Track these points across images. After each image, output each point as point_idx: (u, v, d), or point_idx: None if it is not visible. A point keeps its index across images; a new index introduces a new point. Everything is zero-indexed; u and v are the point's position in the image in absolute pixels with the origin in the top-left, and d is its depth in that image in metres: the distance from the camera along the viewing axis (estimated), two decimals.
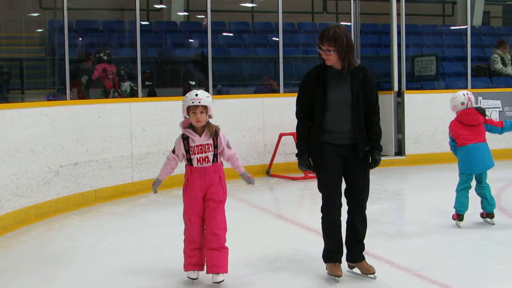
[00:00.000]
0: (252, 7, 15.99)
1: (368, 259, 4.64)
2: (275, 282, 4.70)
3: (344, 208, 4.66)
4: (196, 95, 4.38)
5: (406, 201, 6.72)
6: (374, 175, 9.52)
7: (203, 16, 9.95)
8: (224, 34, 13.47)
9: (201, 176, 4.45)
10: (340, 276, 4.52)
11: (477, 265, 5.16)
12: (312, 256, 5.34)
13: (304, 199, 8.53)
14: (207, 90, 9.21)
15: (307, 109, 4.56)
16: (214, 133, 4.47)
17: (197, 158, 4.44)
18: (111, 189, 7.88)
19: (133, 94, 9.29)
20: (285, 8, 10.31)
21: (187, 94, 4.45)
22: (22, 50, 11.42)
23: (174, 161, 4.59)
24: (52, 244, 5.95)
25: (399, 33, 10.96)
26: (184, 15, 14.99)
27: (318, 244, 5.78)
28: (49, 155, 7.04)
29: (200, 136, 4.44)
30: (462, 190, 6.07)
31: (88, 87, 9.62)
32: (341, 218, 4.63)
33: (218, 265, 4.38)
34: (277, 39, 10.40)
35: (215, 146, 4.47)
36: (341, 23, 13.95)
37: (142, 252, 5.56)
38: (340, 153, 4.52)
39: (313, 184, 9.05)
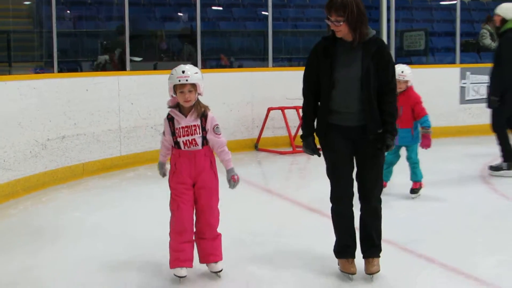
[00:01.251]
0: None
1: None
2: (261, 258, 4.70)
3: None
4: (183, 72, 3.90)
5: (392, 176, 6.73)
6: None
7: None
8: (213, 8, 13.42)
9: (190, 161, 3.99)
10: (354, 274, 4.04)
11: (462, 238, 5.19)
12: (299, 231, 5.38)
13: (292, 174, 8.55)
14: (195, 64, 9.16)
15: (313, 87, 4.02)
16: (202, 114, 4.01)
17: (183, 141, 3.99)
18: (99, 163, 7.86)
19: (108, 67, 9.27)
20: None
21: (173, 71, 3.97)
22: (9, 22, 11.28)
23: (166, 142, 4.15)
24: (39, 218, 5.94)
25: (388, 8, 10.91)
26: None
27: (304, 218, 5.84)
28: (37, 128, 6.99)
29: (186, 116, 3.99)
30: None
31: (120, 58, 9.77)
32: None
33: (215, 253, 4.06)
34: (267, 13, 10.32)
35: (203, 128, 4.00)
36: None
37: (130, 226, 5.56)
38: (350, 136, 3.99)
39: (301, 158, 9.17)
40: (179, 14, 12.93)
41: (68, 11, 11.70)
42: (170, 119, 4.04)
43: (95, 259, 4.68)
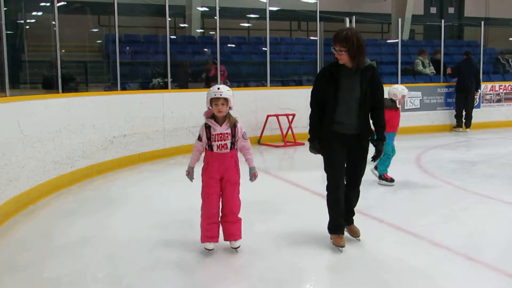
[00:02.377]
0: (248, 26, 15.91)
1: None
2: (260, 215, 4.69)
3: None
4: (218, 88, 3.69)
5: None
6: None
7: (214, 33, 9.83)
8: (228, 45, 13.41)
9: (220, 161, 3.75)
10: (343, 247, 3.82)
11: (409, 207, 5.18)
12: (287, 198, 5.37)
13: (284, 161, 8.52)
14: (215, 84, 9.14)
15: (319, 101, 3.80)
16: (233, 124, 3.78)
17: (217, 145, 3.73)
18: (150, 153, 7.84)
19: (160, 87, 9.24)
20: (271, 27, 10.20)
21: (211, 88, 3.75)
22: (86, 55, 11.34)
23: (201, 147, 3.83)
24: (108, 192, 5.94)
25: None
26: (201, 31, 14.92)
27: (294, 192, 5.82)
28: (106, 129, 6.98)
29: (221, 125, 3.73)
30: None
31: (207, 79, 10.40)
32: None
33: (235, 234, 3.84)
34: (266, 49, 10.29)
35: (233, 135, 3.76)
36: (311, 38, 13.90)
37: (171, 198, 5.56)
38: (346, 141, 3.78)
39: (290, 150, 9.15)
40: (205, 49, 12.92)
41: (128, 47, 11.72)
42: (207, 127, 3.77)
43: (148, 220, 4.69)
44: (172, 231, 4.35)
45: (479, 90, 11.78)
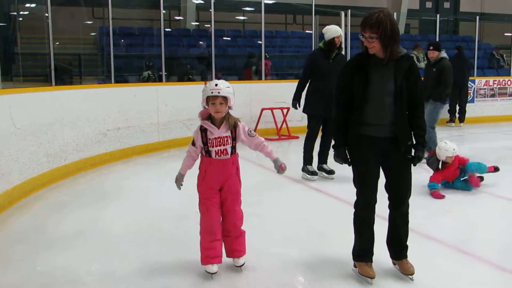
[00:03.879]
0: (244, 19, 15.84)
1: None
2: (256, 204, 4.69)
3: (384, 204, 3.23)
4: (216, 85, 3.13)
5: None
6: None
7: (209, 25, 9.79)
8: (224, 38, 13.37)
9: (219, 169, 3.21)
10: (373, 278, 3.14)
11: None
12: (279, 190, 5.37)
13: (279, 154, 8.47)
14: (210, 79, 9.12)
15: (346, 99, 3.09)
16: (234, 125, 3.23)
17: (215, 151, 3.18)
18: (144, 146, 7.82)
19: (150, 79, 9.24)
20: (266, 20, 10.16)
21: (207, 84, 3.20)
22: (80, 48, 11.29)
23: (194, 153, 3.30)
24: (102, 185, 5.93)
25: (345, 38, 10.85)
26: (196, 24, 14.86)
27: (285, 183, 5.81)
28: (99, 122, 6.95)
29: (219, 128, 3.19)
30: None
31: (255, 73, 10.98)
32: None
33: (239, 249, 3.34)
34: (261, 42, 10.26)
35: (233, 138, 3.22)
36: (306, 31, 13.89)
37: (166, 191, 5.54)
38: (379, 147, 3.07)
39: (284, 143, 9.15)
40: (200, 42, 12.87)
41: (122, 40, 11.66)
42: (203, 130, 3.22)
43: (142, 213, 4.69)
44: (166, 224, 4.35)
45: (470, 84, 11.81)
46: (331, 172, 5.98)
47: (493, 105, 12.57)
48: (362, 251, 3.22)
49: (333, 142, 3.24)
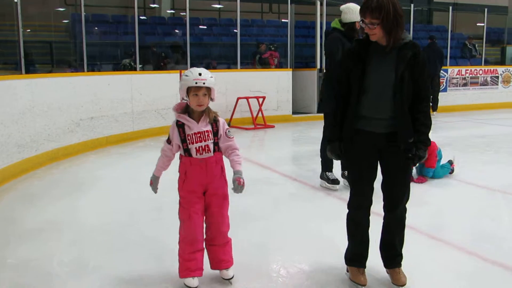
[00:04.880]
0: (219, 7, 15.73)
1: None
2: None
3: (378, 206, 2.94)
4: (200, 74, 2.73)
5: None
6: (302, 126, 9.70)
7: (184, 14, 9.69)
8: (199, 26, 13.26)
9: (202, 169, 2.80)
10: (364, 285, 2.88)
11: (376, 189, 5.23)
12: (256, 179, 5.38)
13: (254, 143, 8.52)
14: (185, 68, 9.05)
15: (345, 91, 2.77)
16: (214, 119, 2.83)
17: (196, 148, 2.78)
18: (118, 136, 7.74)
19: (128, 68, 9.14)
20: (242, 8, 10.12)
21: (187, 72, 2.77)
22: (51, 35, 11.04)
23: (170, 152, 2.90)
24: (76, 175, 5.84)
25: (321, 27, 10.87)
26: (171, 12, 14.71)
27: (260, 171, 5.83)
28: (72, 111, 6.84)
29: (198, 122, 2.79)
30: None
31: (260, 62, 11.24)
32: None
33: (226, 259, 2.92)
34: (236, 30, 10.21)
35: (215, 134, 2.82)
36: (282, 20, 13.87)
37: (141, 181, 5.49)
38: (377, 143, 2.76)
39: (259, 132, 9.17)
40: (176, 31, 12.74)
41: (96, 28, 11.46)
42: (179, 125, 2.81)
43: (117, 204, 4.65)
44: (141, 214, 4.32)
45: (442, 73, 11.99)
46: (334, 181, 5.02)
47: (465, 94, 12.82)
48: (354, 255, 2.93)
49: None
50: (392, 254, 2.93)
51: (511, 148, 7.55)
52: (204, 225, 2.92)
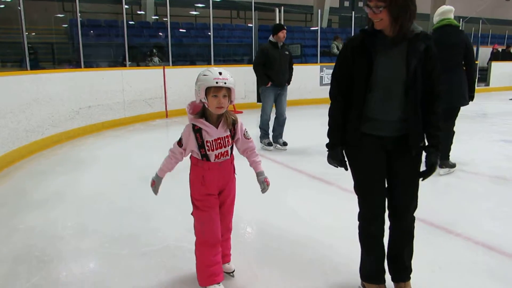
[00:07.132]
0: (196, 14, 15.49)
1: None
2: None
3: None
4: (220, 73, 2.07)
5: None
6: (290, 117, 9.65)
7: (166, 19, 9.48)
8: (180, 30, 13.04)
9: (221, 172, 2.22)
10: None
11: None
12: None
13: None
14: (167, 65, 8.89)
15: (344, 87, 2.02)
16: (233, 123, 2.20)
17: (215, 154, 2.17)
18: (112, 122, 7.58)
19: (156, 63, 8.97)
20: (214, 14, 9.96)
21: (205, 72, 2.10)
22: (53, 37, 10.67)
23: (180, 155, 2.22)
24: (77, 155, 5.70)
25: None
26: (155, 17, 14.40)
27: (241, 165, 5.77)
28: (72, 101, 6.65)
29: (217, 127, 2.15)
30: None
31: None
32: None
33: (228, 253, 2.47)
34: (210, 33, 10.08)
35: (232, 137, 2.22)
36: (248, 24, 13.76)
37: (133, 159, 5.44)
38: (385, 148, 2.03)
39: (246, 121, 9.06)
40: (159, 33, 12.50)
41: (91, 31, 11.14)
42: (196, 130, 2.14)
43: (113, 177, 4.58)
44: (131, 184, 4.27)
45: None
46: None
47: None
48: (373, 271, 2.18)
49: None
50: (399, 267, 2.19)
51: None
52: None
